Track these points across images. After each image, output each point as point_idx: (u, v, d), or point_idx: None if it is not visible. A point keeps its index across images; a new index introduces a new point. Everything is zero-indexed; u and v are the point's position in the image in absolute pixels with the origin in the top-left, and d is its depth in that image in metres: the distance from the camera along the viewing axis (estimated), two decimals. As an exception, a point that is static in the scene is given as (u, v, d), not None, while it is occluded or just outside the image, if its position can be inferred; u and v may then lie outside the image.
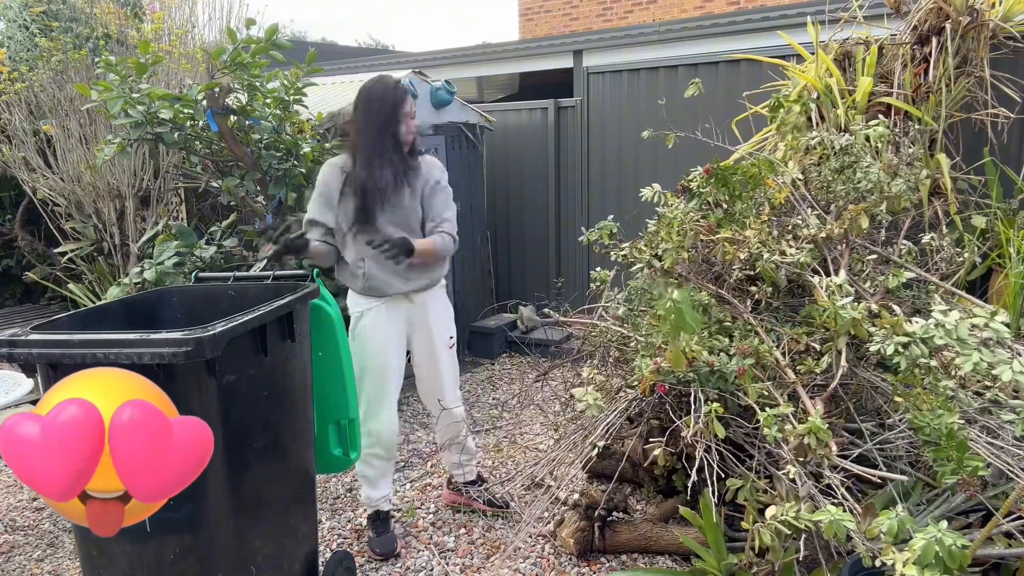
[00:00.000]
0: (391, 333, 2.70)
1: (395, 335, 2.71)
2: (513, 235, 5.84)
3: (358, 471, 2.85)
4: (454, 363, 2.90)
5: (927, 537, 1.53)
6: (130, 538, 1.83)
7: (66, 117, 4.81)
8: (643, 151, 4.93)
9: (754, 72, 4.38)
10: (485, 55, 6.91)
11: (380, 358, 2.68)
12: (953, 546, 1.51)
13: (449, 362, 2.86)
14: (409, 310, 2.73)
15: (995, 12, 3.34)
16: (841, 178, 2.51)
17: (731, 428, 2.28)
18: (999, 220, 3.33)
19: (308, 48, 3.85)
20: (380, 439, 2.75)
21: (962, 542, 1.52)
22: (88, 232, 4.99)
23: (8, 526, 3.12)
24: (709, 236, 2.47)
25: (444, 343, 2.82)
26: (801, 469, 1.92)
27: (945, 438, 1.77)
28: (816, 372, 2.19)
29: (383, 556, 2.76)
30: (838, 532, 1.65)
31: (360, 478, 2.87)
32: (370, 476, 2.83)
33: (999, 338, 1.86)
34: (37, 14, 5.47)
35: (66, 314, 2.03)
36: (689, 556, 2.53)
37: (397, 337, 2.73)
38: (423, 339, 2.79)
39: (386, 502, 2.89)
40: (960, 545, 1.51)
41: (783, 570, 2.13)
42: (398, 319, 2.71)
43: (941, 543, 1.51)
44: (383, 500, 2.88)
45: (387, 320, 2.68)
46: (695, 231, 2.48)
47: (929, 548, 1.51)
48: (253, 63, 3.39)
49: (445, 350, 2.83)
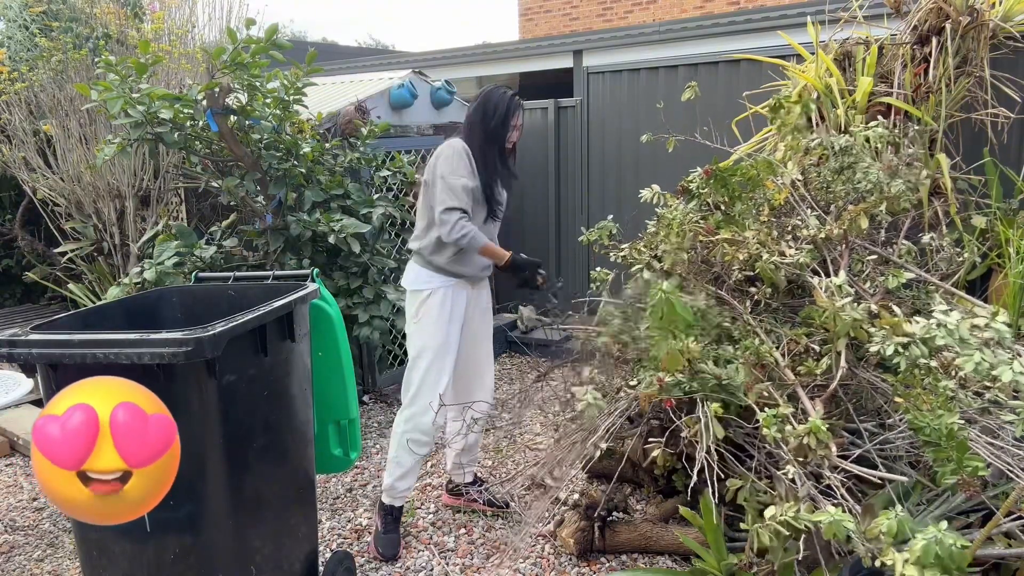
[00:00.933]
0: (457, 314, 2.72)
1: (458, 317, 2.73)
2: (513, 235, 5.83)
3: (392, 456, 2.74)
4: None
5: (927, 537, 1.53)
6: (130, 538, 1.83)
7: (66, 117, 4.81)
8: (643, 151, 4.92)
9: (754, 72, 4.38)
10: (485, 55, 6.91)
11: (443, 337, 2.68)
12: (953, 546, 1.51)
13: (490, 347, 2.94)
14: (470, 295, 2.79)
15: (995, 12, 3.34)
16: (841, 179, 2.51)
17: (731, 428, 2.28)
18: (999, 220, 3.33)
19: (308, 48, 3.85)
20: (426, 427, 2.67)
21: (962, 542, 1.52)
22: (88, 232, 4.99)
23: (8, 526, 3.12)
24: (709, 237, 2.47)
25: (490, 330, 2.91)
26: (801, 469, 1.92)
27: (945, 438, 1.77)
28: (816, 373, 2.18)
29: (385, 558, 2.73)
30: (838, 532, 1.65)
31: (393, 464, 2.74)
32: (405, 464, 2.72)
33: (1000, 338, 1.86)
34: (37, 14, 5.47)
35: (66, 314, 2.03)
36: (689, 556, 2.53)
37: (460, 321, 2.75)
38: (477, 325, 2.86)
39: (404, 497, 2.81)
40: (960, 546, 1.51)
41: (783, 570, 2.13)
42: (462, 301, 2.74)
43: (941, 543, 1.51)
44: (406, 493, 2.79)
45: (453, 301, 2.70)
46: (695, 232, 2.48)
47: (929, 548, 1.51)
48: (253, 63, 3.39)
49: (490, 336, 2.92)
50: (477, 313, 2.84)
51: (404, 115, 4.60)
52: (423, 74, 4.83)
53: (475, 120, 2.68)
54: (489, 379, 2.94)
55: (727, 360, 2.23)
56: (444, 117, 4.88)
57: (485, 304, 2.90)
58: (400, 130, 4.53)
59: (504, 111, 2.66)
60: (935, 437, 1.79)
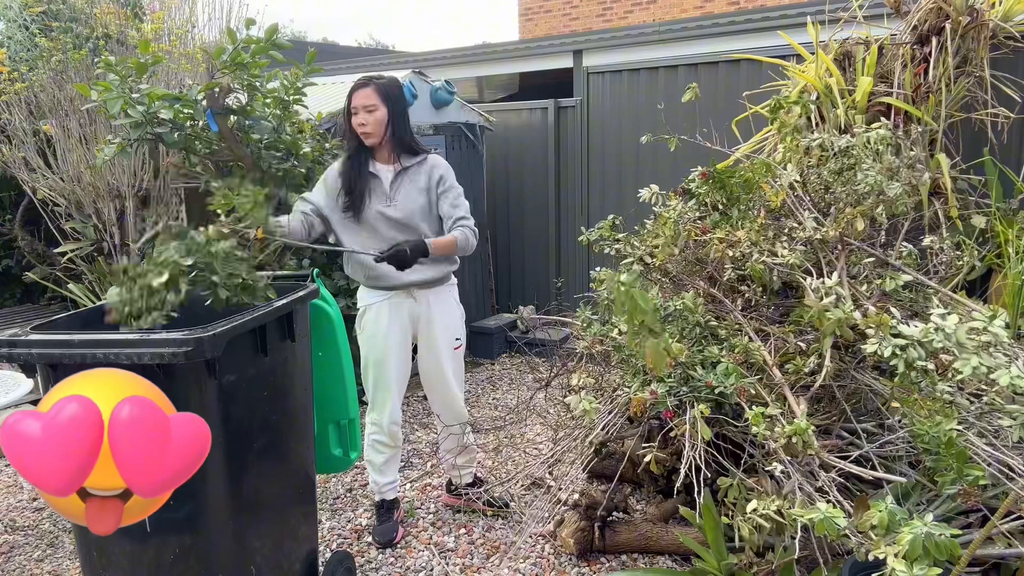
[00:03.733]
0: (393, 327, 2.72)
1: (397, 330, 2.73)
2: (513, 235, 5.84)
3: (366, 456, 2.88)
4: (458, 365, 2.90)
5: (914, 531, 1.53)
6: (130, 538, 1.83)
7: (66, 117, 4.81)
8: (643, 151, 4.93)
9: (754, 72, 4.38)
10: (485, 55, 6.90)
11: (379, 351, 2.72)
12: (940, 537, 1.51)
13: (452, 364, 2.85)
14: (413, 307, 2.75)
15: (995, 12, 3.34)
16: (840, 180, 2.51)
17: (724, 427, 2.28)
18: (998, 220, 3.33)
19: (308, 48, 3.84)
20: (382, 428, 2.81)
21: (950, 532, 1.52)
22: (88, 232, 4.98)
23: (8, 526, 3.12)
24: (703, 236, 2.47)
25: (448, 345, 2.83)
26: (789, 468, 1.92)
27: (944, 446, 1.77)
28: (804, 372, 2.18)
29: (382, 545, 2.79)
30: (829, 528, 1.65)
31: (367, 464, 2.91)
32: (376, 462, 2.87)
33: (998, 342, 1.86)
34: (37, 14, 5.46)
35: (66, 314, 2.03)
36: (689, 556, 2.53)
37: (400, 332, 2.74)
38: (427, 339, 2.80)
39: (392, 490, 2.92)
40: (949, 535, 1.51)
41: (783, 570, 2.14)
42: (401, 315, 2.73)
43: (928, 536, 1.51)
44: (389, 487, 2.90)
45: (389, 315, 2.71)
46: (689, 229, 2.48)
47: (916, 541, 1.51)
48: (253, 63, 3.39)
49: (449, 352, 2.83)
50: (422, 323, 2.78)
51: (404, 115, 4.59)
52: (423, 74, 4.83)
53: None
54: (454, 394, 2.89)
55: (714, 361, 2.22)
56: (444, 117, 4.88)
57: (440, 317, 2.79)
58: (400, 130, 4.52)
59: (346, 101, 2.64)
60: (934, 445, 1.79)
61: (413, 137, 2.72)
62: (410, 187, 2.66)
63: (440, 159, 2.76)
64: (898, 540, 1.55)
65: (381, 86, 2.61)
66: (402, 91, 2.71)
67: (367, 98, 2.58)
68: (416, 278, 2.66)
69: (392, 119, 2.62)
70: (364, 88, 2.59)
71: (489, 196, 5.60)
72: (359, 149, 2.66)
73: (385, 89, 2.61)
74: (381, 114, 2.59)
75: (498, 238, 5.86)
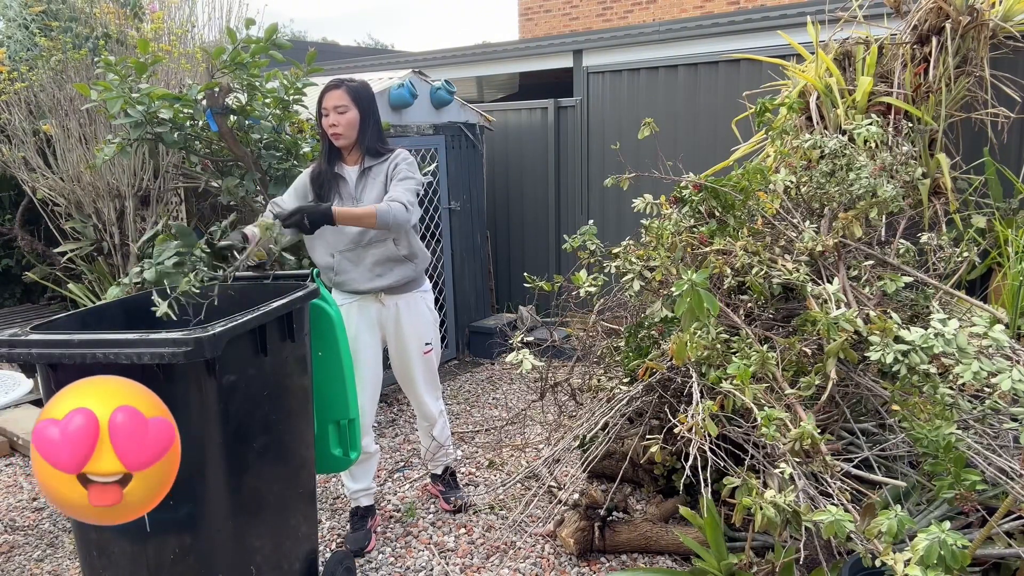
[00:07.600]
0: (360, 331, 2.74)
1: (365, 333, 2.76)
2: (513, 235, 5.84)
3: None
4: (429, 369, 2.93)
5: (930, 538, 1.53)
6: (130, 538, 1.83)
7: (66, 117, 4.80)
8: (644, 151, 4.93)
9: (754, 72, 4.38)
10: (485, 55, 6.91)
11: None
12: (955, 546, 1.51)
13: (422, 368, 2.89)
14: (381, 312, 2.77)
15: (995, 12, 3.34)
16: (833, 180, 2.50)
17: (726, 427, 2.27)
18: (998, 220, 3.33)
19: (308, 48, 3.84)
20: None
21: (963, 542, 1.53)
22: (88, 232, 4.98)
23: (8, 526, 3.12)
24: (701, 248, 2.46)
25: (417, 349, 2.86)
26: (796, 470, 1.92)
27: (943, 450, 1.77)
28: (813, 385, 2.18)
29: (354, 553, 2.78)
30: (838, 532, 1.65)
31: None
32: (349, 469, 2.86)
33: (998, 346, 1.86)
34: (37, 14, 5.46)
35: (66, 314, 2.03)
36: (689, 556, 2.53)
37: (369, 336, 2.77)
38: (395, 343, 2.84)
39: (366, 496, 2.92)
40: (961, 545, 1.52)
41: (783, 570, 2.14)
42: (368, 319, 2.76)
43: (944, 544, 1.52)
44: (362, 494, 2.91)
45: (357, 318, 2.74)
46: (687, 243, 2.47)
47: (932, 549, 1.52)
48: (253, 63, 3.39)
49: (418, 356, 2.87)
50: (390, 327, 2.80)
51: (404, 115, 4.60)
52: (423, 74, 4.83)
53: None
54: (425, 396, 2.94)
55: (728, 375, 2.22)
56: (444, 117, 4.88)
57: (408, 323, 2.80)
58: (400, 130, 4.53)
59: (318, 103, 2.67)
60: (933, 449, 1.79)
61: (383, 140, 2.73)
62: (373, 184, 2.67)
63: (405, 152, 2.71)
64: (913, 546, 1.55)
65: (352, 88, 2.63)
66: (373, 95, 2.72)
67: (338, 99, 2.61)
68: (379, 284, 2.70)
69: (362, 121, 2.65)
70: (336, 90, 2.62)
71: (489, 196, 5.60)
72: (329, 151, 2.70)
73: (356, 92, 2.63)
74: (352, 115, 2.62)
75: (498, 238, 5.86)
